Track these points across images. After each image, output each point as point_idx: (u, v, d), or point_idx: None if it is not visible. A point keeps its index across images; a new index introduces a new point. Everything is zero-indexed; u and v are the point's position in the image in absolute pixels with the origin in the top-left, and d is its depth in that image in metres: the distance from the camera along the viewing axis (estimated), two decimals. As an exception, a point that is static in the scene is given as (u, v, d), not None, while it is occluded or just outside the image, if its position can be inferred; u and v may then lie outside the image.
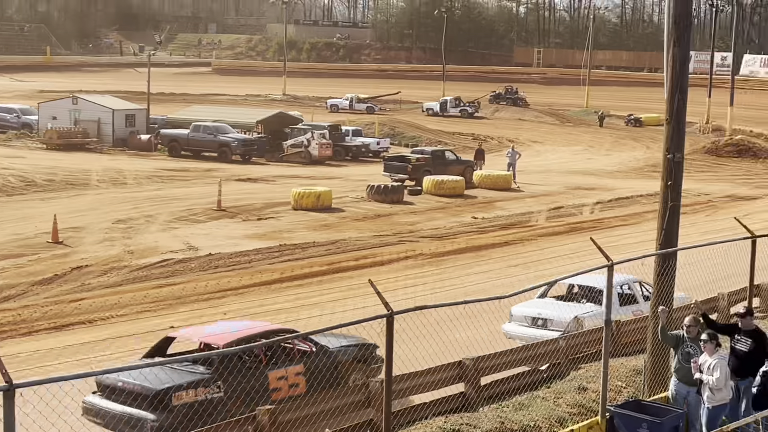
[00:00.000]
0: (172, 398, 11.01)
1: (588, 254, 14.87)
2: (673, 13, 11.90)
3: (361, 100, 74.40)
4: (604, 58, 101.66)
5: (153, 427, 10.83)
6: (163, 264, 23.22)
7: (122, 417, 10.99)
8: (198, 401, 11.08)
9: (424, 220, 31.32)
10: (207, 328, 13.48)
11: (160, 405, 10.93)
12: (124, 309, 19.24)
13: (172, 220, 29.29)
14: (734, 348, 10.64)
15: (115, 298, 20.05)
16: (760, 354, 10.49)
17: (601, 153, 54.42)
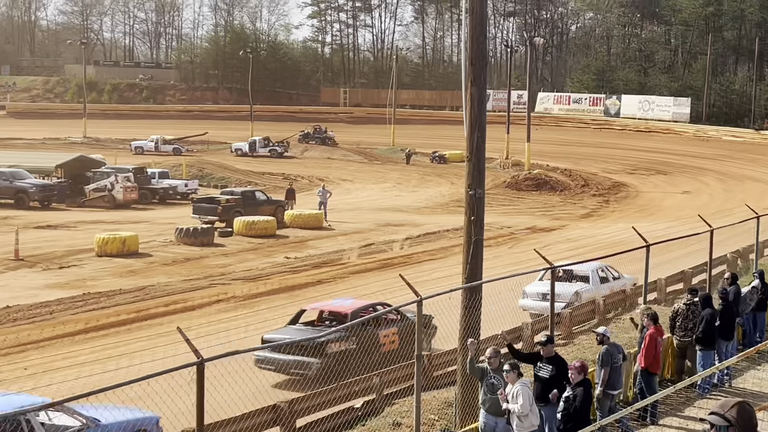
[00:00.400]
0: (327, 347, 15.94)
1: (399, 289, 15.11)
2: (470, 55, 12.34)
3: (167, 142, 72.98)
4: (408, 97, 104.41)
5: (318, 366, 15.72)
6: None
7: (292, 363, 15.84)
8: (342, 350, 15.93)
9: (235, 261, 30.93)
10: (332, 302, 19.72)
11: (321, 352, 15.89)
12: None
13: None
14: (537, 375, 11.03)
15: None
16: (562, 380, 10.92)
17: (408, 190, 55.69)
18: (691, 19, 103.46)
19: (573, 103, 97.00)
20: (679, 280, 23.44)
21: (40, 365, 17.92)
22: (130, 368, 16.72)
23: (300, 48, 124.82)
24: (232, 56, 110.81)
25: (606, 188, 55.34)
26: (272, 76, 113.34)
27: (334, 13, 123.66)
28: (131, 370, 16.13)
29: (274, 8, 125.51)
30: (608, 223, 41.89)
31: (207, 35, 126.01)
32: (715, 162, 66.97)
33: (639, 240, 17.21)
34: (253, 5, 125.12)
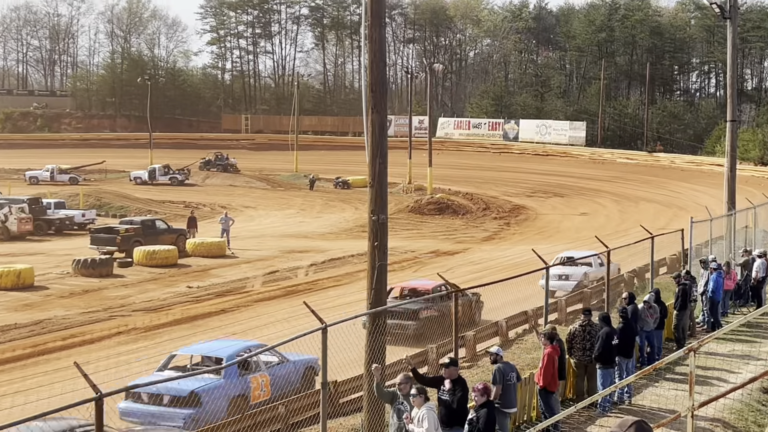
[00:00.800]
0: (420, 314, 20.42)
1: (304, 317, 15.02)
2: (370, 82, 12.44)
3: (63, 171, 71.24)
4: (310, 124, 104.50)
5: (413, 327, 19.81)
6: None
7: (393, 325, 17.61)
8: (430, 316, 20.50)
9: (136, 292, 30.29)
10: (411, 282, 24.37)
11: (416, 318, 20.22)
12: None
13: None
14: (441, 398, 11.08)
15: None
16: (465, 402, 11.00)
17: (312, 216, 55.57)
18: (585, 45, 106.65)
19: (473, 128, 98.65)
20: (578, 300, 23.97)
21: (-70, 406, 17.17)
22: (26, 406, 16.18)
23: (200, 75, 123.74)
24: (129, 83, 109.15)
25: (506, 211, 56.29)
26: (172, 103, 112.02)
27: (233, 40, 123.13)
28: (27, 408, 15.61)
29: (172, 35, 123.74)
30: (509, 245, 42.61)
31: (103, 62, 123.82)
32: (610, 184, 68.91)
33: (539, 261, 17.54)
34: (151, 32, 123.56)
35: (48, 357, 21.37)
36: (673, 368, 16.29)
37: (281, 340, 10.41)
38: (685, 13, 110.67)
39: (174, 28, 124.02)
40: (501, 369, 12.27)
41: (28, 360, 21.18)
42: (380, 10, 12.59)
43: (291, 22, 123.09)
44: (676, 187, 66.74)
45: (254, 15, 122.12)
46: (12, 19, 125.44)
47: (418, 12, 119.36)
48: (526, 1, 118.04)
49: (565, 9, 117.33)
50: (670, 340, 18.87)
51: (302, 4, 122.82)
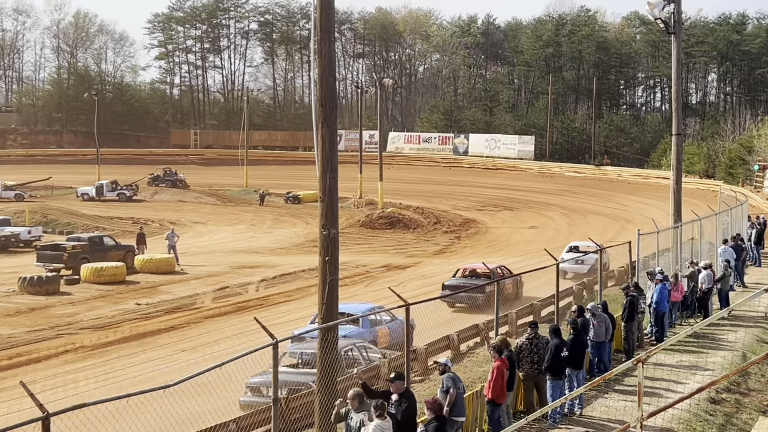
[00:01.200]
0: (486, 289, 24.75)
1: (255, 333, 14.96)
2: (320, 96, 12.46)
3: (8, 188, 70.14)
4: (261, 138, 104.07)
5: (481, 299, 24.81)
6: None
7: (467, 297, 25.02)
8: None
9: (84, 310, 29.89)
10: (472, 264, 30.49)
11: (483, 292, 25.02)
12: None
13: None
14: (388, 411, 11.07)
15: None
16: (412, 415, 11.02)
17: (263, 231, 55.32)
18: (533, 60, 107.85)
19: (423, 142, 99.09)
20: (529, 312, 24.15)
21: None
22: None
23: (148, 90, 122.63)
24: (76, 98, 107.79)
25: (457, 225, 56.58)
26: (119, 118, 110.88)
27: (182, 55, 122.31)
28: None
29: (119, 50, 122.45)
30: (460, 258, 42.78)
31: (49, 78, 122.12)
32: (559, 197, 69.65)
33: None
34: (98, 47, 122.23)
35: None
36: (622, 379, 16.47)
37: (231, 356, 10.32)
38: (630, 29, 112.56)
39: (121, 42, 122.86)
40: (452, 377, 12.32)
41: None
42: (329, 25, 12.63)
43: (240, 36, 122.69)
44: (623, 200, 67.67)
45: (203, 30, 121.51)
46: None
47: (367, 27, 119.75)
48: (475, 16, 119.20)
49: (513, 24, 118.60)
50: (620, 352, 19.08)
51: (251, 18, 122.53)
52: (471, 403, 13.30)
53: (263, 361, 11.11)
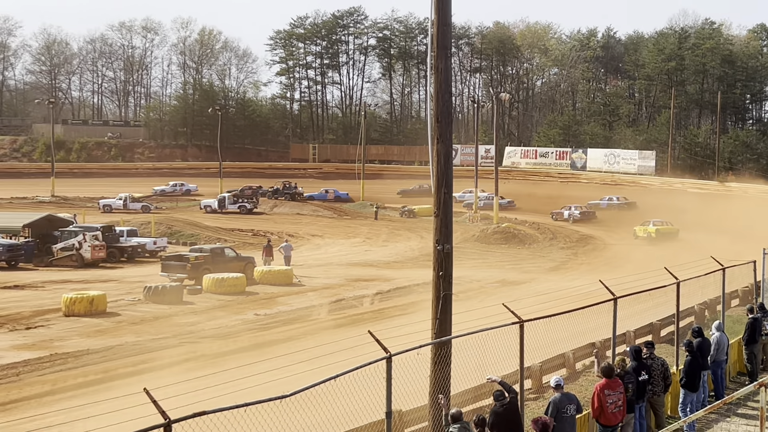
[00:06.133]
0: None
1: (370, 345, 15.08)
2: (435, 112, 12.53)
3: (135, 200, 72.81)
4: (377, 153, 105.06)
5: None
6: None
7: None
8: None
9: (205, 319, 30.69)
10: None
11: None
12: None
13: (-72, 334, 27.13)
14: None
15: None
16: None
17: (378, 244, 55.75)
18: (654, 74, 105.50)
19: (540, 157, 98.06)
20: (648, 332, 23.60)
21: (7, 428, 17.63)
22: (98, 431, 16.48)
23: (269, 105, 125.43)
24: (200, 113, 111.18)
25: (574, 241, 55.74)
26: (241, 132, 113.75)
27: (302, 71, 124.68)
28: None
29: (242, 66, 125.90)
30: (576, 275, 42.14)
31: (176, 93, 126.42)
32: (680, 213, 67.75)
33: (607, 293, 17.35)
34: (222, 63, 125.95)
35: (119, 383, 21.75)
36: (744, 403, 15.93)
37: (346, 369, 10.47)
38: (757, 42, 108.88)
39: (244, 59, 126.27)
40: (556, 401, 12.14)
41: (100, 385, 21.59)
42: (446, 41, 12.70)
43: (359, 52, 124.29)
44: (748, 217, 65.31)
45: (323, 46, 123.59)
46: (88, 51, 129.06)
47: (485, 41, 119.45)
48: (595, 29, 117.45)
49: (634, 37, 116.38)
50: (742, 374, 18.46)
51: (370, 34, 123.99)
52: (586, 424, 13.10)
53: (378, 374, 11.22)
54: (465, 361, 13.90)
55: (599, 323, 20.94)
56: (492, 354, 15.07)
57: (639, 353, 14.54)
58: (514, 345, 14.50)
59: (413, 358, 11.87)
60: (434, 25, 12.55)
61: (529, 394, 16.95)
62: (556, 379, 12.62)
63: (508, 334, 14.11)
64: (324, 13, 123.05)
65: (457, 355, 12.88)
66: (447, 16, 12.53)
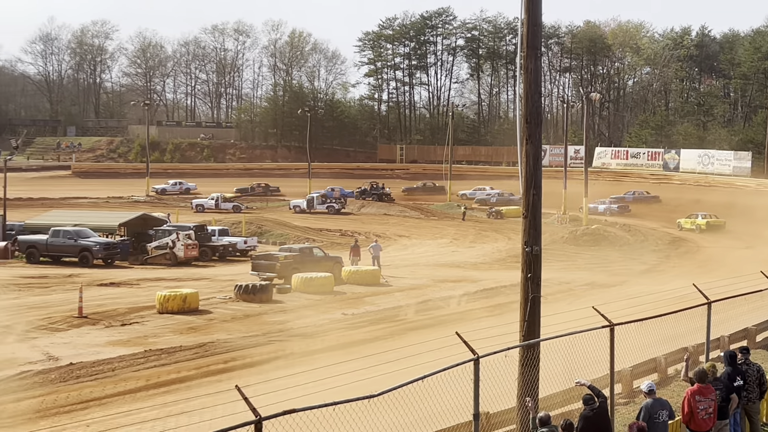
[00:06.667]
0: None
1: (456, 347, 15.09)
2: (525, 112, 12.45)
3: (227, 199, 74.16)
4: (464, 153, 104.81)
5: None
6: (22, 376, 22.14)
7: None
8: None
9: (293, 318, 31.05)
10: None
11: None
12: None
13: (30, 329, 28.05)
14: None
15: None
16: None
17: (465, 245, 55.59)
18: (750, 73, 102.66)
19: (631, 158, 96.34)
20: (742, 337, 22.98)
21: (102, 422, 18.15)
22: (190, 426, 16.88)
23: (357, 106, 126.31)
24: (290, 115, 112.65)
25: (666, 243, 54.64)
26: (329, 133, 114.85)
27: (390, 72, 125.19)
28: (190, 429, 16.30)
29: (331, 68, 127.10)
30: (668, 279, 41.24)
31: (266, 95, 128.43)
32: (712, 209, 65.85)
33: (700, 297, 16.98)
34: (311, 65, 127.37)
35: (210, 379, 22.18)
36: None
37: (433, 370, 10.50)
38: None
39: (333, 60, 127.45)
40: (647, 406, 11.93)
41: (192, 381, 22.05)
42: (536, 41, 12.60)
43: (447, 53, 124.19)
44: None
45: (411, 47, 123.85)
46: (182, 54, 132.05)
47: (575, 41, 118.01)
48: (689, 28, 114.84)
49: (730, 36, 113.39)
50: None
51: (458, 35, 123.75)
52: (677, 431, 12.84)
53: (465, 375, 11.22)
54: (553, 364, 13.78)
55: (692, 327, 20.50)
56: (581, 357, 14.90)
57: (734, 358, 14.14)
58: (603, 349, 14.31)
59: (501, 360, 11.83)
60: (524, 25, 12.47)
61: (619, 398, 16.71)
62: (648, 384, 12.40)
63: (597, 337, 13.95)
64: (412, 14, 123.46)
65: (545, 358, 12.78)
66: (537, 15, 12.44)
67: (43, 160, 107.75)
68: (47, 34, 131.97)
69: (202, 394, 20.56)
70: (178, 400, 20.17)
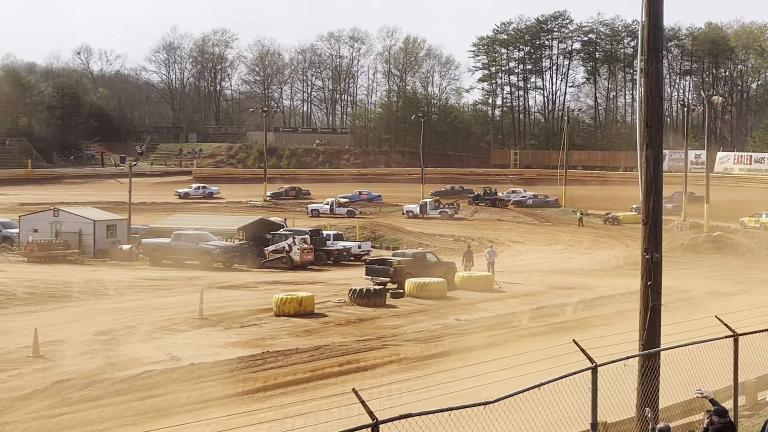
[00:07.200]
0: None
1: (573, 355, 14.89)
2: (645, 117, 12.21)
3: (341, 204, 75.00)
4: (580, 158, 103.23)
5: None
6: (145, 375, 22.91)
7: None
8: None
9: (407, 323, 31.18)
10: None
11: None
12: (106, 423, 18.91)
13: (153, 330, 29.00)
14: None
15: (97, 412, 19.70)
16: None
17: (580, 252, 54.74)
18: None
19: (755, 163, 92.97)
20: None
21: (222, 422, 18.59)
22: (306, 428, 17.15)
23: (470, 111, 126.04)
24: (404, 120, 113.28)
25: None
26: (443, 138, 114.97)
27: (504, 76, 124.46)
28: (307, 431, 16.55)
29: (445, 73, 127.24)
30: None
31: (380, 100, 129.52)
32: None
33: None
34: (425, 71, 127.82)
35: (325, 382, 22.47)
36: None
37: (549, 378, 10.39)
38: None
39: (447, 66, 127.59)
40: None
41: (308, 384, 22.39)
42: (657, 44, 12.34)
43: (563, 57, 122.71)
44: None
45: (526, 51, 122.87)
46: (299, 62, 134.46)
47: (696, 43, 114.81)
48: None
49: None
50: None
51: (574, 38, 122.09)
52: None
53: (583, 384, 11.06)
54: (674, 374, 13.44)
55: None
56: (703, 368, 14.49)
57: None
58: (726, 359, 13.90)
59: (619, 369, 11.62)
60: (645, 28, 12.23)
61: (743, 411, 16.17)
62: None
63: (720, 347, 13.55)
64: (527, 18, 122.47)
65: (665, 368, 12.48)
66: (658, 18, 12.18)
67: (166, 166, 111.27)
68: (170, 43, 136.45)
69: (318, 397, 20.87)
70: (294, 402, 20.52)
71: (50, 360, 24.67)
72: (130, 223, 52.51)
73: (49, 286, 37.91)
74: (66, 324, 29.75)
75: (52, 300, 35.11)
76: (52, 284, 38.33)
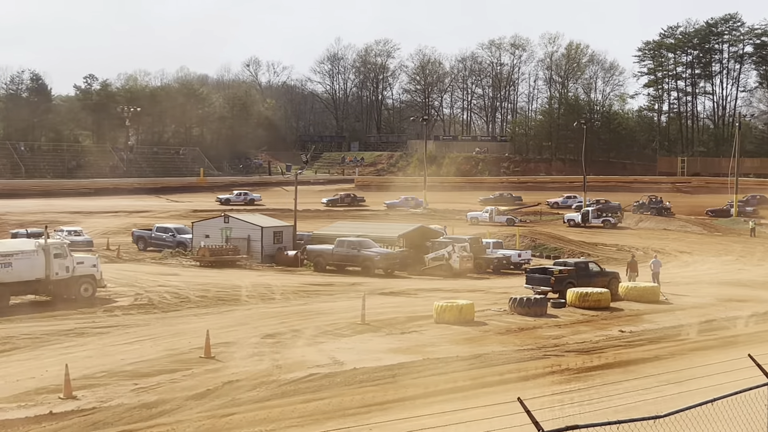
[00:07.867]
0: None
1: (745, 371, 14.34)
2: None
3: (501, 213, 74.63)
4: (752, 166, 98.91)
5: None
6: (310, 378, 23.48)
7: None
8: None
9: (569, 333, 30.68)
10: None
11: None
12: (273, 424, 19.49)
13: (317, 334, 29.70)
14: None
15: (264, 413, 20.34)
16: None
17: (753, 263, 52.45)
18: None
19: None
20: None
21: (384, 426, 18.84)
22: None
23: (635, 117, 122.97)
24: (565, 127, 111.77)
25: None
26: (606, 146, 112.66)
27: (671, 81, 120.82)
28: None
29: (609, 79, 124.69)
30: None
31: (541, 107, 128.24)
32: None
33: None
34: (588, 77, 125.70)
35: (486, 390, 22.37)
36: None
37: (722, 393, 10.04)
38: None
39: (611, 72, 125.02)
40: None
41: (469, 392, 22.35)
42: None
43: (733, 60, 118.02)
44: None
45: (694, 55, 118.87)
46: (459, 70, 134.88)
47: None
48: None
49: None
50: None
51: (746, 42, 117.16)
52: None
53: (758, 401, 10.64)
54: None
55: None
56: None
57: None
58: None
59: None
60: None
61: None
62: None
63: None
64: (696, 22, 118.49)
65: None
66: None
67: (329, 174, 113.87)
68: (334, 54, 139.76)
69: (479, 405, 20.82)
70: (455, 409, 20.56)
71: (221, 361, 25.66)
72: (295, 229, 54.02)
73: (219, 289, 39.49)
74: (235, 327, 30.87)
75: (222, 303, 36.57)
76: (223, 288, 39.91)
